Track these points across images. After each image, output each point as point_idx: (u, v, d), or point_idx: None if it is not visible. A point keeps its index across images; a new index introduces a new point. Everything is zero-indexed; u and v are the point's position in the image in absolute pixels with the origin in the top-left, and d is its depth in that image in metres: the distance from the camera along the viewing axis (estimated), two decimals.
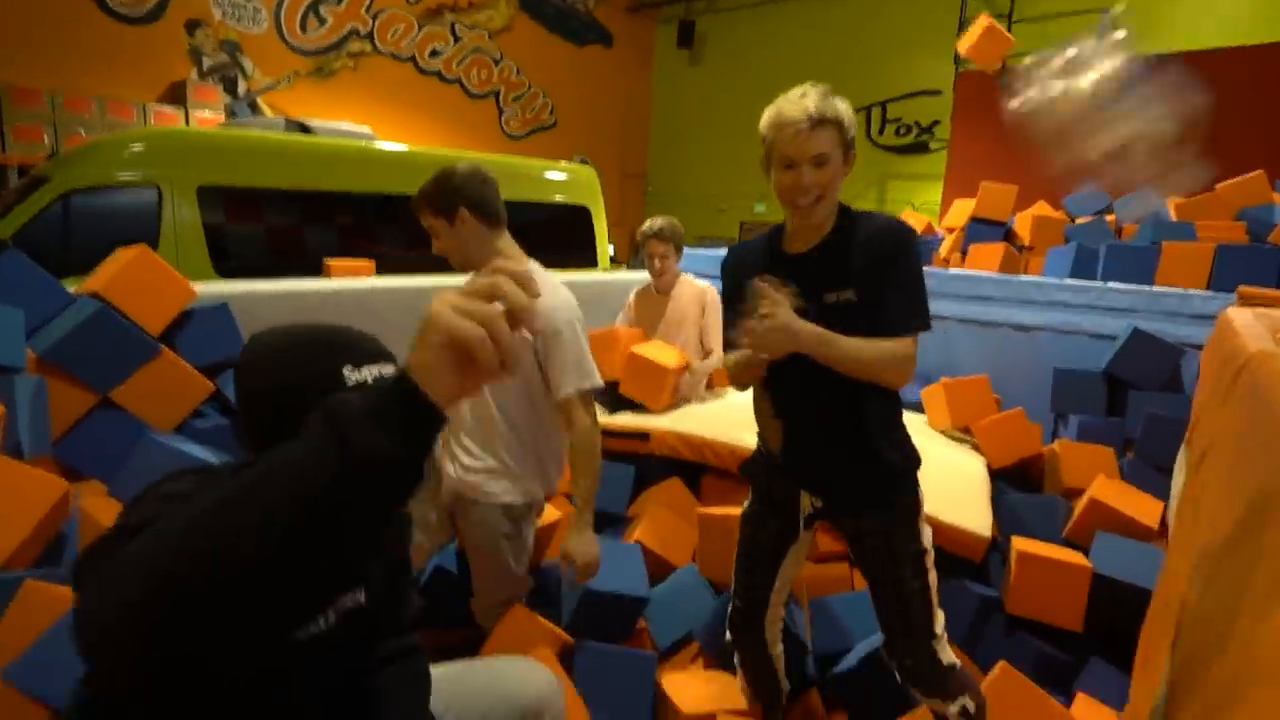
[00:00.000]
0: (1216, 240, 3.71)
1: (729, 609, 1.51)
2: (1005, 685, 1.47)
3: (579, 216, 4.51)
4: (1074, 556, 1.79)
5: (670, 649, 1.78)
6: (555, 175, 4.56)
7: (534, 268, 1.47)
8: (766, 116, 1.23)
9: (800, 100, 1.20)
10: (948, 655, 1.26)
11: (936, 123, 8.93)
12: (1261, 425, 0.51)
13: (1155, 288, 3.17)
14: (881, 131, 9.59)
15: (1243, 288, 2.46)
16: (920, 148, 9.29)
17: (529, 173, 4.39)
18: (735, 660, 1.55)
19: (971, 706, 1.27)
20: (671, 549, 2.05)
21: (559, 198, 4.50)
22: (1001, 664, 1.51)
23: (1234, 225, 4.05)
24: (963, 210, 4.92)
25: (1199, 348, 2.65)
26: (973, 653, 1.80)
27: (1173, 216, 4.34)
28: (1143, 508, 1.99)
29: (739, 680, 1.54)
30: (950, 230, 4.72)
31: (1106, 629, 1.73)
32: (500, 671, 1.05)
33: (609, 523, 2.22)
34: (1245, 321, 1.90)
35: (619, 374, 2.46)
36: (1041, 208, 4.74)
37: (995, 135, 7.13)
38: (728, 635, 1.53)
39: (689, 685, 1.48)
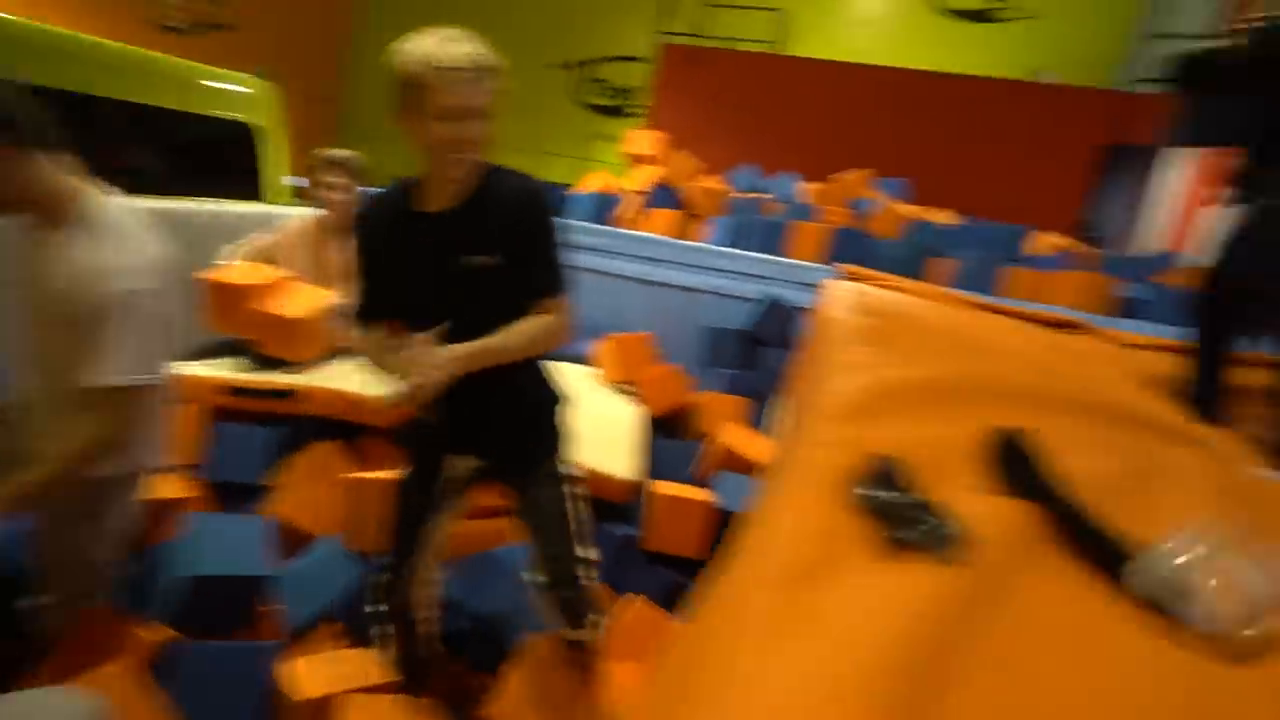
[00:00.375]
0: (835, 224, 4.48)
1: (375, 579, 1.46)
2: (634, 616, 1.60)
3: (242, 137, 3.79)
4: (700, 494, 1.99)
5: (304, 630, 1.62)
6: (215, 84, 3.75)
7: (115, 209, 1.25)
8: (415, 57, 1.14)
9: (461, 45, 1.15)
10: (595, 585, 1.35)
11: (635, 89, 9.37)
12: (808, 366, 0.62)
13: (787, 259, 3.72)
14: (584, 91, 9.78)
15: (841, 265, 2.96)
16: (617, 110, 9.68)
17: (174, 75, 3.54)
18: (375, 633, 1.48)
19: (599, 623, 1.38)
20: (317, 520, 1.86)
21: (217, 112, 3.73)
22: (630, 597, 1.63)
23: (845, 211, 4.93)
24: (648, 175, 5.24)
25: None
26: (616, 588, 1.91)
27: (810, 200, 5.15)
28: (762, 449, 2.26)
29: (379, 653, 1.47)
30: (638, 192, 4.98)
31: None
32: (16, 714, 0.82)
33: (243, 496, 1.94)
34: (833, 291, 2.27)
35: (241, 329, 2.16)
36: (711, 180, 5.24)
37: (691, 107, 7.80)
38: (368, 607, 1.47)
39: (312, 670, 1.36)
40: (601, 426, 2.27)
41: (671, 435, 2.66)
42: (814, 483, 0.67)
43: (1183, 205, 5.69)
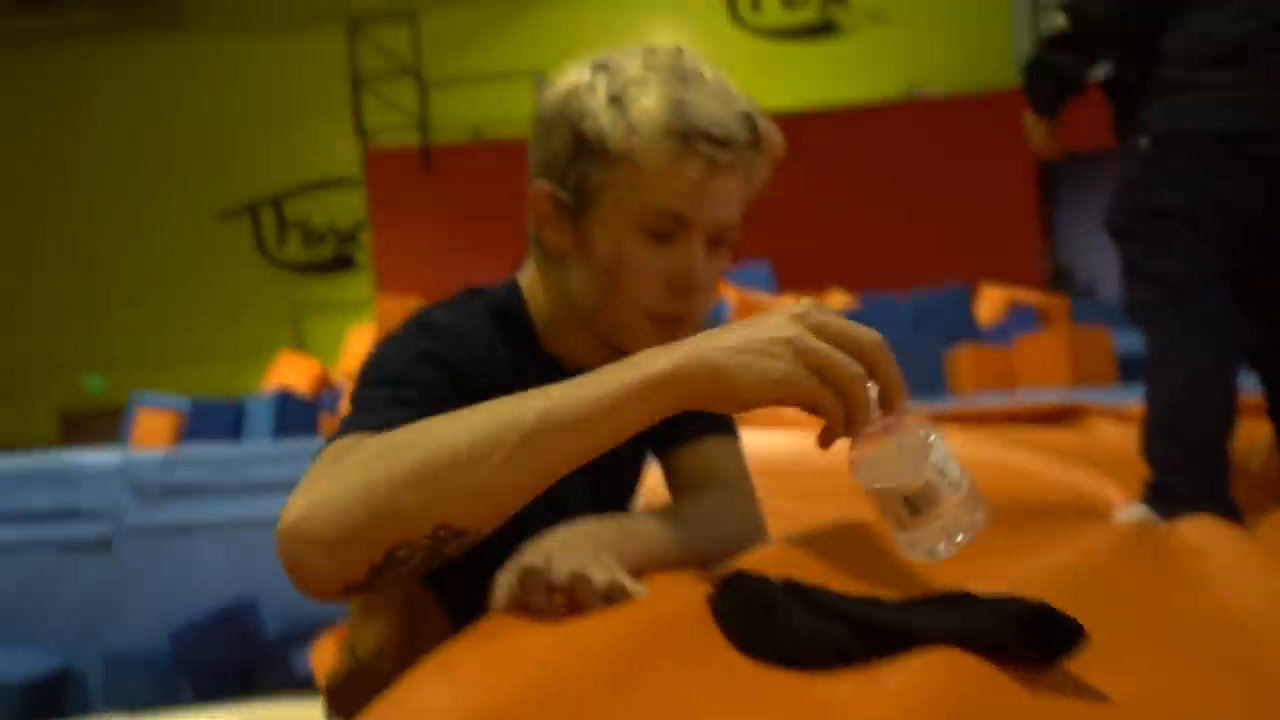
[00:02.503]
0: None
1: None
2: None
3: None
4: None
5: None
6: None
7: None
8: (642, 106, 0.98)
9: (729, 95, 1.00)
10: None
11: (355, 227, 9.22)
12: None
13: None
14: (283, 242, 9.57)
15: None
16: (344, 263, 9.50)
17: None
18: None
19: None
20: None
21: None
22: None
23: None
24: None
25: None
26: None
27: None
28: None
29: None
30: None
31: None
32: None
33: None
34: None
35: None
36: None
37: (431, 227, 7.73)
38: None
39: None
40: None
41: None
42: None
43: None
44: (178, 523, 3.74)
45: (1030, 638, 0.66)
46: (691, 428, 1.21)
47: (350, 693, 1.22)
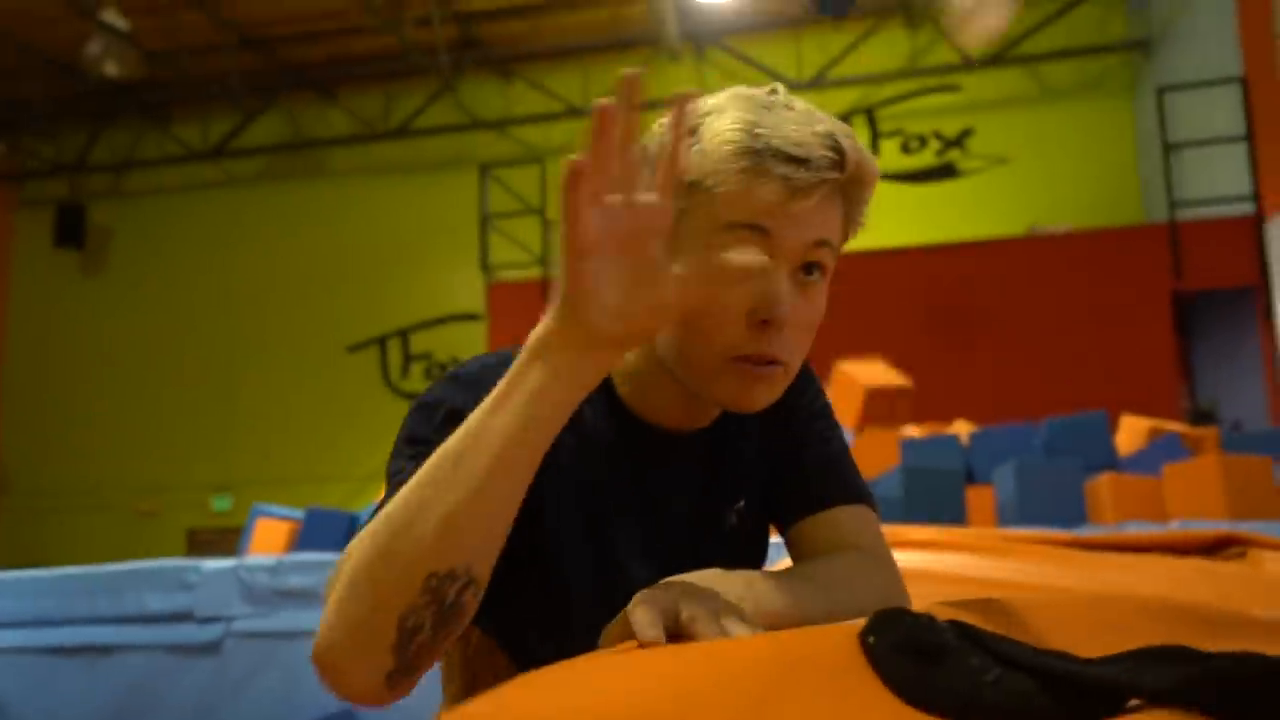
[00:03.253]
0: None
1: None
2: None
3: None
4: None
5: None
6: None
7: None
8: (720, 126, 0.92)
9: (816, 116, 0.94)
10: None
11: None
12: None
13: None
14: (405, 374, 9.88)
15: None
16: None
17: None
18: None
19: None
20: None
21: None
22: None
23: None
24: None
25: None
26: None
27: None
28: None
29: None
30: None
31: None
32: None
33: None
34: None
35: None
36: None
37: None
38: None
39: None
40: None
41: None
42: None
43: None
44: (286, 628, 3.71)
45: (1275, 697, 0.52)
46: (819, 497, 1.10)
47: None
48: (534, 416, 0.77)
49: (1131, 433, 4.55)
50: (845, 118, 0.93)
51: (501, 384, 0.78)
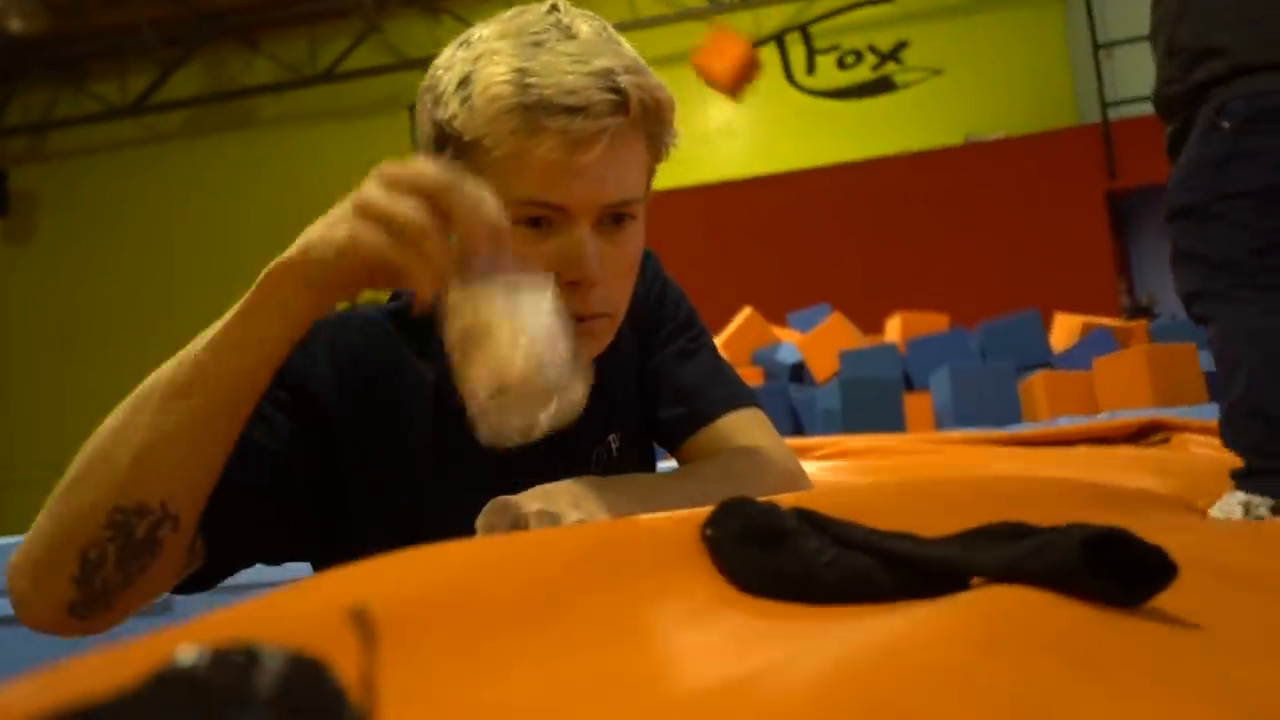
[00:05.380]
0: None
1: None
2: None
3: None
4: None
5: None
6: None
7: None
8: (486, 80, 0.85)
9: (596, 53, 0.85)
10: None
11: None
12: None
13: None
14: None
15: None
16: None
17: None
18: None
19: None
20: None
21: None
22: None
23: (751, 371, 4.57)
24: None
25: None
26: None
27: None
28: None
29: None
30: None
31: None
32: None
33: None
34: None
35: None
36: None
37: None
38: None
39: None
40: None
41: None
42: None
43: None
44: (236, 583, 3.70)
45: (1103, 568, 0.53)
46: (701, 410, 1.08)
47: None
48: (233, 347, 0.75)
49: (1065, 331, 4.62)
50: (780, 36, 0.89)
51: (226, 318, 0.76)
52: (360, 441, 0.96)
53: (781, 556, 0.59)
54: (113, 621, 0.78)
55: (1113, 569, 0.52)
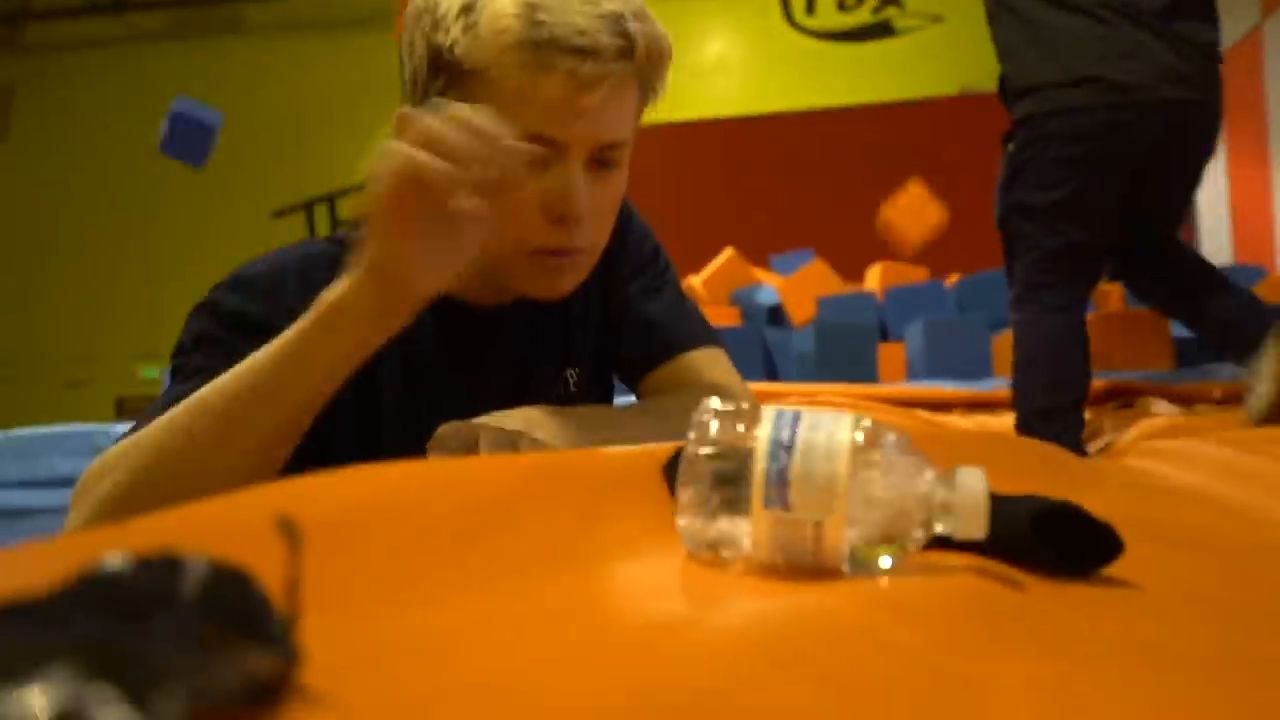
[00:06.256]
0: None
1: None
2: None
3: None
4: None
5: None
6: None
7: None
8: (493, 11, 0.84)
9: None
10: None
11: None
12: None
13: None
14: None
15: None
16: None
17: None
18: None
19: None
20: None
21: None
22: None
23: (728, 310, 4.58)
24: None
25: None
26: None
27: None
28: None
29: None
30: None
31: None
32: None
33: None
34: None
35: None
36: None
37: None
38: None
39: None
40: None
41: None
42: None
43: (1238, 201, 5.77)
44: None
45: (1049, 540, 0.55)
46: (663, 346, 1.09)
47: None
48: (315, 387, 0.74)
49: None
50: None
51: (284, 344, 0.74)
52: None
53: (740, 490, 0.61)
54: None
55: (1061, 542, 0.54)
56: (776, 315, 4.58)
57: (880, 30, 8.83)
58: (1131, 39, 2.25)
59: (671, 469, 0.64)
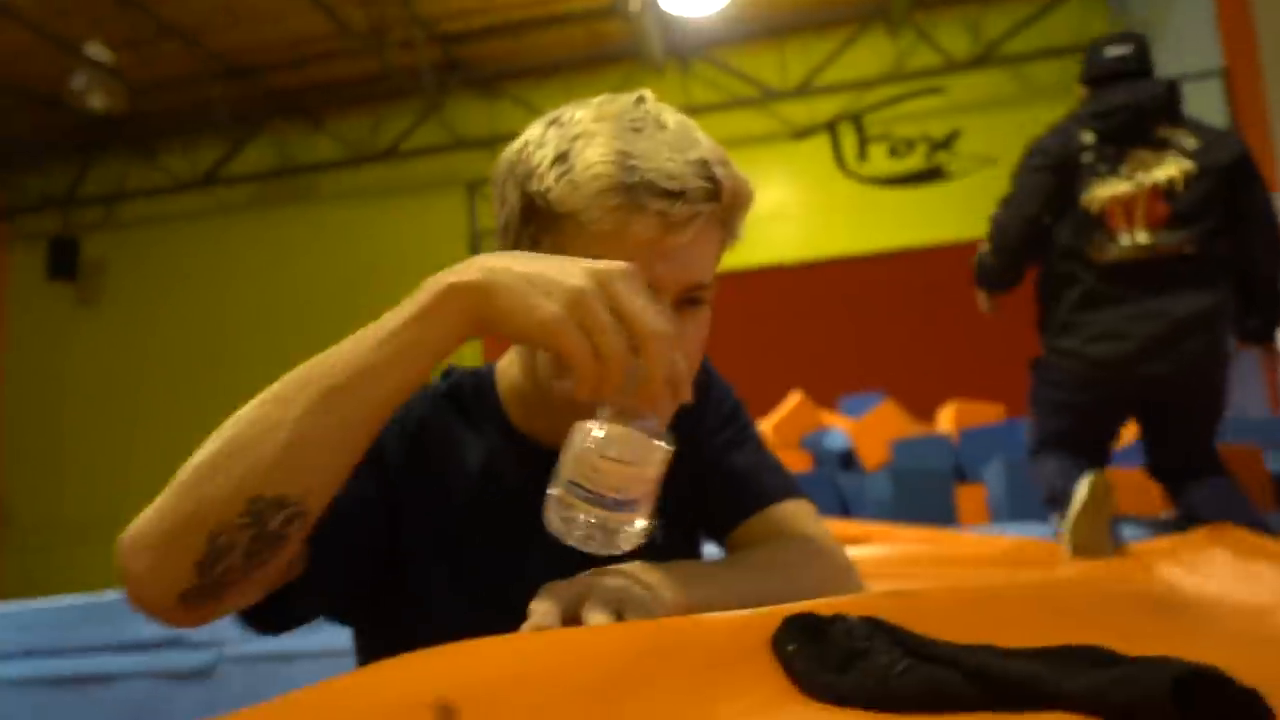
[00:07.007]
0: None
1: None
2: None
3: None
4: None
5: None
6: None
7: None
8: (588, 158, 0.88)
9: (691, 141, 0.92)
10: None
11: None
12: None
13: None
14: None
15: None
16: None
17: None
18: None
19: None
20: None
21: None
22: None
23: (799, 455, 4.55)
24: None
25: None
26: None
27: None
28: None
29: None
30: None
31: None
32: None
33: None
34: None
35: None
36: None
37: None
38: None
39: None
40: None
41: None
42: None
43: None
44: (281, 649, 3.69)
45: (1190, 704, 0.52)
46: (750, 500, 1.09)
47: None
48: (399, 352, 0.75)
49: (1126, 427, 4.51)
50: (832, 124, 0.94)
51: (389, 324, 0.77)
52: (419, 499, 1.00)
53: (858, 676, 0.60)
54: (213, 616, 0.78)
55: (1203, 708, 0.51)
56: (848, 459, 4.54)
57: (932, 174, 9.02)
58: (1112, 318, 2.57)
59: (780, 641, 0.64)
